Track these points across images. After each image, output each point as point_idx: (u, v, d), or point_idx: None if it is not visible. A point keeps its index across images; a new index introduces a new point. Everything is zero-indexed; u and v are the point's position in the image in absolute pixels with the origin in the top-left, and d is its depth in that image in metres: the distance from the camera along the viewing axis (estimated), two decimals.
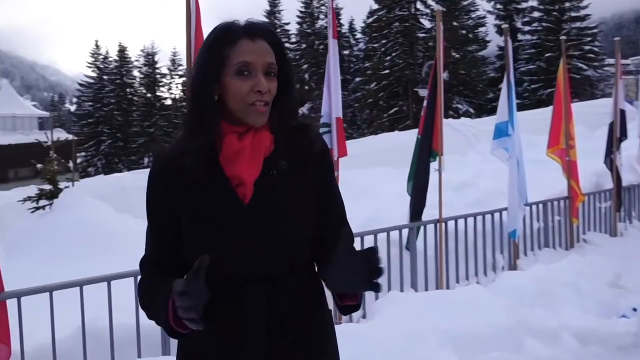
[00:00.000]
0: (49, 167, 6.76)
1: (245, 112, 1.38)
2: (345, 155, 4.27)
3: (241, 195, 1.39)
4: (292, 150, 1.45)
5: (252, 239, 1.38)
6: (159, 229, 1.45)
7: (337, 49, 4.16)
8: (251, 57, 1.37)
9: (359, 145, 14.37)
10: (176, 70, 55.70)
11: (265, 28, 1.43)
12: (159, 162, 1.44)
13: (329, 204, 1.52)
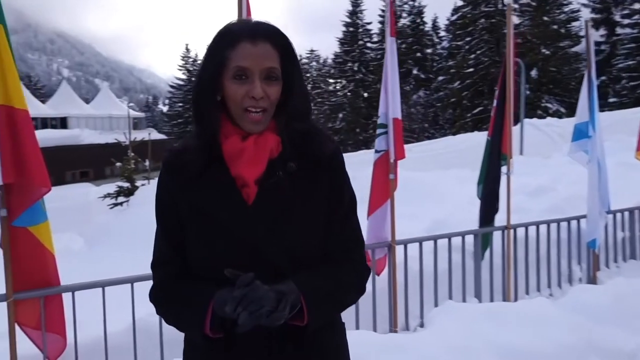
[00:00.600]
0: (127, 165, 7.09)
1: (241, 117, 1.35)
2: (403, 157, 4.11)
3: (245, 195, 1.36)
4: (301, 153, 1.40)
5: (254, 241, 1.33)
6: (169, 229, 1.42)
7: (395, 47, 4.02)
8: (248, 62, 1.33)
9: (436, 145, 14.00)
10: None
11: (270, 29, 1.38)
12: (167, 159, 1.42)
13: (335, 214, 1.42)
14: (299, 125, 1.40)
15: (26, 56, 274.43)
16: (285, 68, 1.38)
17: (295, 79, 1.39)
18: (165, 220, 1.43)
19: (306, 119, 1.43)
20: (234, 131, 1.37)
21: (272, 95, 1.35)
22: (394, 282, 4.11)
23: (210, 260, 1.35)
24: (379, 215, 4.11)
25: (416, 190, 8.49)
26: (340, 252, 1.43)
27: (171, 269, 1.41)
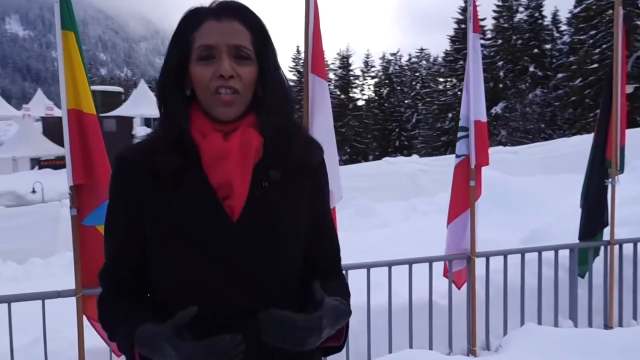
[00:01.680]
0: None
1: (210, 102, 1.18)
2: (487, 164, 3.80)
3: (228, 210, 1.18)
4: (285, 158, 1.23)
5: (240, 263, 1.18)
6: (118, 240, 1.25)
7: (479, 45, 3.72)
8: (213, 39, 1.17)
9: (545, 148, 13.04)
10: (368, 72, 57.11)
11: (238, 6, 1.22)
12: (123, 159, 1.23)
13: (321, 227, 1.31)
14: (278, 121, 1.21)
15: (154, 61, 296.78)
16: (259, 51, 1.20)
17: (269, 64, 1.22)
18: (113, 232, 1.26)
19: (288, 113, 1.25)
20: (211, 127, 1.18)
21: (245, 75, 1.18)
22: (473, 297, 3.82)
23: (184, 284, 1.18)
24: (459, 225, 3.83)
25: (517, 196, 7.94)
26: (331, 265, 1.35)
27: (112, 284, 1.27)
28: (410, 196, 10.01)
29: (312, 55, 3.21)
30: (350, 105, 55.24)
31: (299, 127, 1.28)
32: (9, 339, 2.90)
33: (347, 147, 53.86)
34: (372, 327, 3.62)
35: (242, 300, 1.19)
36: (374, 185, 11.29)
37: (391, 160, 13.54)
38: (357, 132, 53.66)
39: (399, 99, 53.23)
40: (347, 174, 13.29)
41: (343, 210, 9.45)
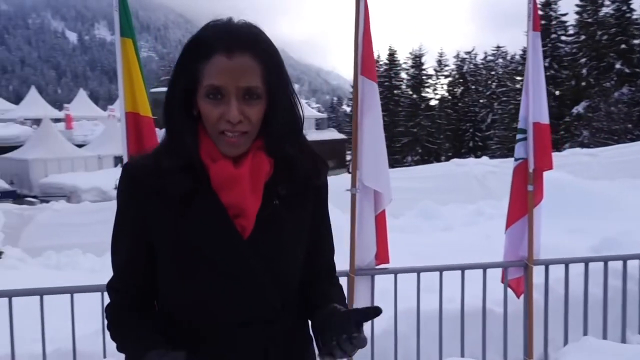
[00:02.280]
0: None
1: (217, 140, 1.18)
2: (549, 168, 3.62)
3: (240, 228, 1.21)
4: (292, 177, 1.25)
5: (249, 278, 1.22)
6: (127, 255, 1.27)
7: (539, 44, 3.55)
8: (222, 80, 1.14)
9: (625, 151, 12.26)
10: (442, 71, 55.99)
11: (250, 37, 1.17)
12: (129, 178, 1.23)
13: (321, 240, 1.37)
14: (288, 147, 1.23)
15: None
16: (269, 82, 1.18)
17: (280, 94, 1.20)
18: (123, 247, 1.27)
19: (296, 138, 1.26)
20: (220, 154, 1.19)
21: (253, 116, 1.17)
22: (530, 306, 3.66)
23: (193, 299, 1.22)
24: (516, 231, 3.69)
25: (592, 201, 7.53)
26: (327, 271, 1.41)
27: (124, 298, 1.29)
28: (477, 199, 9.72)
29: (362, 57, 3.20)
30: (423, 105, 54.38)
31: (306, 147, 1.29)
32: (72, 327, 3.10)
33: (419, 147, 53.05)
34: (423, 333, 3.56)
35: (249, 312, 1.24)
36: (439, 187, 11.07)
37: (459, 162, 13.20)
38: (429, 133, 52.71)
39: (473, 99, 51.80)
40: (412, 175, 13.10)
41: (406, 212, 9.31)
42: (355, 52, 3.22)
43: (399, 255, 5.83)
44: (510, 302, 3.73)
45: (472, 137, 50.09)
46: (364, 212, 3.28)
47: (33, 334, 3.02)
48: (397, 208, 9.55)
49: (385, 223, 3.39)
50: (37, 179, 28.72)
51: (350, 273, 3.31)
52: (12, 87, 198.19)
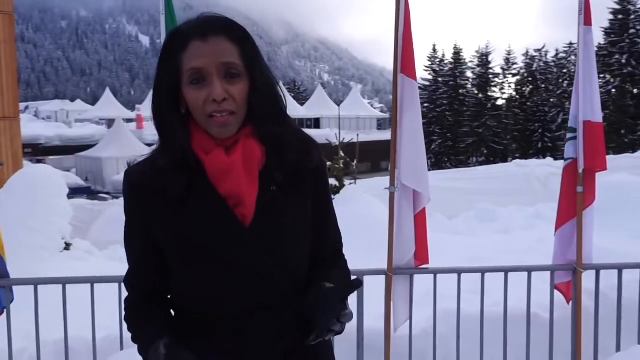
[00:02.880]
0: (336, 165, 7.51)
1: (207, 125, 1.21)
2: (602, 169, 3.45)
3: (240, 216, 1.24)
4: (286, 162, 1.27)
5: (255, 265, 1.25)
6: (138, 255, 1.34)
7: (591, 38, 3.40)
8: (201, 61, 1.18)
9: None
10: (509, 69, 54.26)
11: (221, 22, 1.23)
12: (129, 183, 1.29)
13: (324, 223, 1.38)
14: (276, 129, 1.25)
15: (294, 63, 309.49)
16: (248, 63, 1.21)
17: (259, 74, 1.23)
18: (136, 246, 1.34)
19: (281, 120, 1.28)
20: (213, 144, 1.23)
21: (237, 94, 1.20)
22: (579, 313, 3.51)
23: (206, 290, 1.26)
24: (565, 233, 3.55)
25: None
26: (333, 255, 1.43)
27: (137, 294, 1.38)
28: (538, 201, 9.38)
29: (402, 55, 3.19)
30: (489, 104, 52.90)
31: (293, 130, 1.31)
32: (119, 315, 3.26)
33: (484, 148, 51.64)
34: (463, 335, 3.50)
35: (257, 298, 1.27)
36: (499, 188, 10.77)
37: (521, 163, 12.78)
38: (495, 133, 51.21)
39: (543, 98, 49.86)
40: (470, 176, 12.80)
41: (462, 213, 9.13)
42: (395, 49, 3.21)
43: (448, 256, 5.76)
44: (558, 307, 3.59)
45: (541, 138, 48.26)
46: (402, 211, 3.26)
47: (85, 320, 3.20)
48: (452, 209, 9.38)
49: (425, 223, 3.35)
50: (109, 176, 30.22)
51: (388, 272, 3.31)
52: (90, 89, 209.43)
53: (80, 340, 3.46)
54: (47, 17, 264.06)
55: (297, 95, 63.73)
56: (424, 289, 3.75)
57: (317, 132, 41.14)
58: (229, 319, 1.27)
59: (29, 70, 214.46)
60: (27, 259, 5.55)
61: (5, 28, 12.92)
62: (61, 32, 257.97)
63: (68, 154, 34.58)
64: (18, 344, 3.41)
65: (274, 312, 1.27)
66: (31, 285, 3.16)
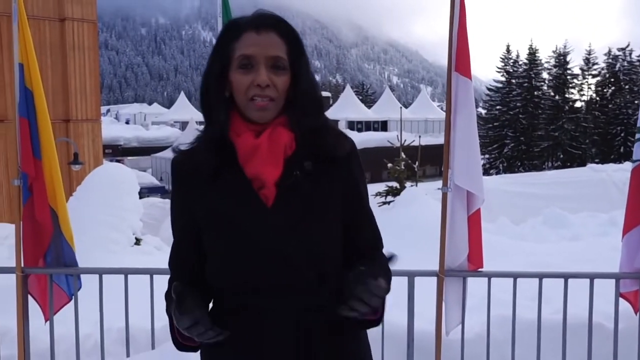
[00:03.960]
0: (397, 167, 7.45)
1: (247, 107, 1.31)
2: None
3: (264, 197, 1.32)
4: (317, 151, 1.33)
5: (276, 245, 1.30)
6: (180, 233, 1.43)
7: None
8: (252, 50, 1.29)
9: None
10: (589, 70, 51.72)
11: (275, 19, 1.34)
12: (176, 162, 1.39)
13: (358, 219, 1.41)
14: (310, 122, 1.33)
15: (363, 66, 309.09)
16: (293, 60, 1.32)
17: (302, 71, 1.33)
18: (178, 225, 1.42)
19: (317, 115, 1.35)
20: (245, 128, 1.32)
21: (279, 84, 1.30)
22: None
23: (229, 266, 1.32)
24: (632, 240, 3.36)
25: None
26: (370, 248, 1.44)
27: (177, 272, 1.43)
28: (613, 208, 8.89)
29: (456, 53, 3.13)
30: (566, 107, 50.65)
31: (327, 122, 1.38)
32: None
33: (561, 152, 49.50)
34: (519, 342, 3.38)
35: (277, 277, 1.31)
36: (571, 193, 10.28)
37: (597, 167, 12.13)
38: (573, 137, 48.99)
39: (627, 100, 47.16)
40: (542, 181, 12.28)
41: (529, 219, 8.80)
42: (450, 47, 3.15)
43: (510, 262, 5.58)
44: (624, 317, 3.40)
45: (623, 142, 45.65)
46: (455, 212, 3.20)
47: (145, 310, 3.36)
48: (519, 214, 9.06)
49: (480, 225, 3.27)
50: None
51: (440, 273, 3.25)
52: (166, 92, 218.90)
53: (140, 329, 3.64)
54: (129, 25, 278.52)
55: (365, 98, 63.60)
56: (482, 293, 3.66)
57: (381, 135, 41.08)
58: (253, 298, 1.32)
59: (112, 76, 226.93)
60: (99, 252, 5.89)
61: (89, 36, 13.78)
62: (141, 39, 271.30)
63: (145, 155, 36.30)
64: (84, 330, 3.63)
65: (296, 297, 1.30)
66: (96, 275, 3.35)
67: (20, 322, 3.29)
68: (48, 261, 3.33)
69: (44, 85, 3.20)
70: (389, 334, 3.45)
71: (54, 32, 13.25)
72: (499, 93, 54.61)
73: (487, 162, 51.93)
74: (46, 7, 13.14)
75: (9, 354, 3.64)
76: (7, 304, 3.42)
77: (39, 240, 3.29)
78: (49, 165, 3.23)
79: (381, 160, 9.25)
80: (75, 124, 13.59)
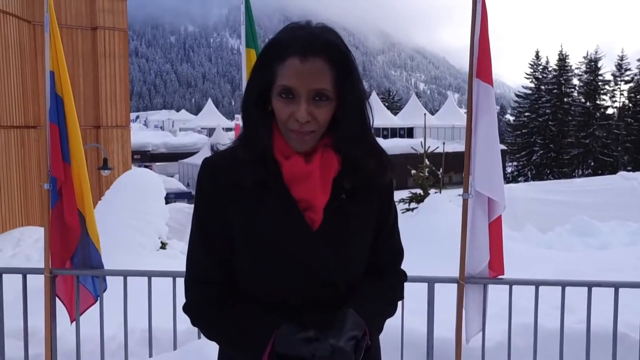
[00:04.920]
0: (420, 173, 7.40)
1: (287, 136, 1.28)
2: None
3: (309, 220, 1.30)
4: (360, 174, 1.33)
5: (318, 267, 1.30)
6: (215, 245, 1.33)
7: None
8: (294, 82, 1.22)
9: None
10: (622, 76, 50.63)
11: (324, 43, 1.24)
12: (210, 170, 1.33)
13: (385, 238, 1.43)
14: (355, 147, 1.30)
15: (389, 73, 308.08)
16: (340, 85, 1.25)
17: (350, 97, 1.27)
18: (211, 234, 1.33)
19: (362, 139, 1.31)
20: (291, 150, 1.28)
21: (320, 116, 1.25)
22: None
23: (268, 284, 1.30)
24: None
25: None
26: (387, 264, 1.45)
27: (213, 289, 1.33)
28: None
29: (477, 59, 3.13)
30: (597, 114, 49.65)
31: (374, 148, 1.35)
32: None
33: (591, 160, 48.50)
34: (542, 351, 3.34)
35: (317, 297, 1.32)
36: (600, 202, 10.07)
37: (628, 175, 11.85)
38: (605, 144, 47.97)
39: None
40: (571, 188, 12.05)
41: (556, 227, 8.65)
42: (471, 53, 3.15)
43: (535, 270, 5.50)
44: None
45: None
46: (476, 219, 3.18)
47: (168, 312, 3.42)
48: (546, 222, 8.91)
49: (501, 232, 3.25)
50: None
51: (460, 280, 3.23)
52: (194, 99, 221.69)
53: (163, 330, 3.70)
54: (159, 33, 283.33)
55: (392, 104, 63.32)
56: (503, 301, 3.62)
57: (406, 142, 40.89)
58: (286, 309, 1.30)
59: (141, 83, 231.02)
60: (125, 255, 6.01)
61: (120, 44, 14.11)
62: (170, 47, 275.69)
63: (172, 161, 36.83)
64: (109, 331, 3.71)
65: (329, 310, 1.30)
66: (121, 277, 3.43)
67: (47, 322, 3.38)
68: (75, 263, 3.43)
69: (76, 92, 3.30)
70: (409, 340, 3.44)
71: (86, 41, 13.60)
72: (527, 99, 53.82)
73: (515, 169, 51.17)
74: (79, 16, 13.50)
75: (37, 353, 3.74)
76: (36, 305, 3.53)
77: (66, 243, 3.39)
78: (78, 170, 3.33)
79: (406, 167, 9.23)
80: (105, 130, 13.90)
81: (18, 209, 11.87)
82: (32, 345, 3.62)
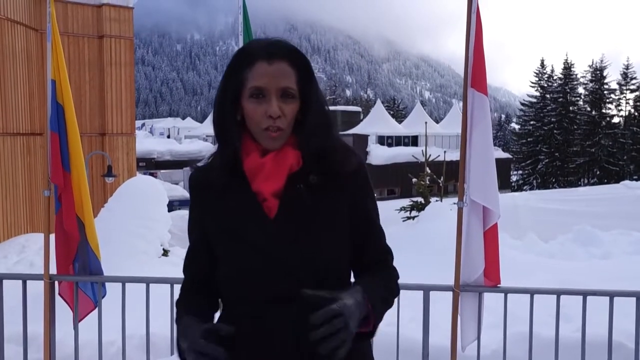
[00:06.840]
0: (421, 181, 7.42)
1: (260, 136, 1.39)
2: None
3: (266, 209, 1.40)
4: (323, 168, 1.41)
5: (278, 255, 1.36)
6: (194, 243, 1.51)
7: None
8: (264, 82, 1.35)
9: None
10: (628, 85, 50.59)
11: (287, 48, 1.39)
12: (192, 177, 1.50)
13: (365, 231, 1.45)
14: (318, 142, 1.40)
15: (394, 81, 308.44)
16: (303, 86, 1.39)
17: (312, 96, 1.41)
18: (193, 236, 1.51)
19: (325, 136, 1.42)
20: (254, 148, 1.41)
21: (289, 113, 1.37)
22: None
23: (237, 276, 1.39)
24: None
25: None
26: (377, 262, 1.48)
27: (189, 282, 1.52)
28: None
29: (472, 69, 3.16)
30: (603, 122, 49.58)
31: (336, 141, 1.45)
32: None
33: (597, 169, 48.35)
34: (538, 359, 3.34)
35: (277, 286, 1.36)
36: (603, 210, 10.05)
37: (631, 185, 11.81)
38: (610, 153, 47.86)
39: None
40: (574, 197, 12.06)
41: (558, 236, 8.63)
42: (466, 63, 3.18)
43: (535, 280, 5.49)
44: None
45: None
46: (471, 227, 3.20)
47: (166, 318, 3.45)
48: (548, 231, 8.90)
49: (497, 240, 3.26)
50: None
51: (455, 288, 3.25)
52: (200, 107, 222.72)
53: (161, 336, 3.73)
54: (165, 41, 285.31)
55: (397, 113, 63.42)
56: (500, 310, 3.63)
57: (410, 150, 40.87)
58: (254, 306, 1.38)
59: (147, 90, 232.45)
60: (127, 261, 6.05)
61: (126, 52, 14.23)
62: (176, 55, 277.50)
63: (177, 168, 36.92)
64: (108, 336, 3.75)
65: (294, 304, 1.34)
66: (119, 283, 3.46)
67: (46, 328, 3.42)
68: (76, 269, 3.47)
69: (82, 100, 3.36)
70: (404, 348, 3.46)
71: (92, 49, 13.73)
72: (533, 108, 53.78)
73: (521, 178, 51.05)
74: (85, 24, 13.65)
75: (37, 358, 3.78)
76: (36, 311, 3.57)
77: (67, 249, 3.43)
78: (77, 178, 3.38)
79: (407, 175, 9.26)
80: (111, 138, 13.99)
81: (23, 215, 11.96)
82: (31, 350, 3.66)
